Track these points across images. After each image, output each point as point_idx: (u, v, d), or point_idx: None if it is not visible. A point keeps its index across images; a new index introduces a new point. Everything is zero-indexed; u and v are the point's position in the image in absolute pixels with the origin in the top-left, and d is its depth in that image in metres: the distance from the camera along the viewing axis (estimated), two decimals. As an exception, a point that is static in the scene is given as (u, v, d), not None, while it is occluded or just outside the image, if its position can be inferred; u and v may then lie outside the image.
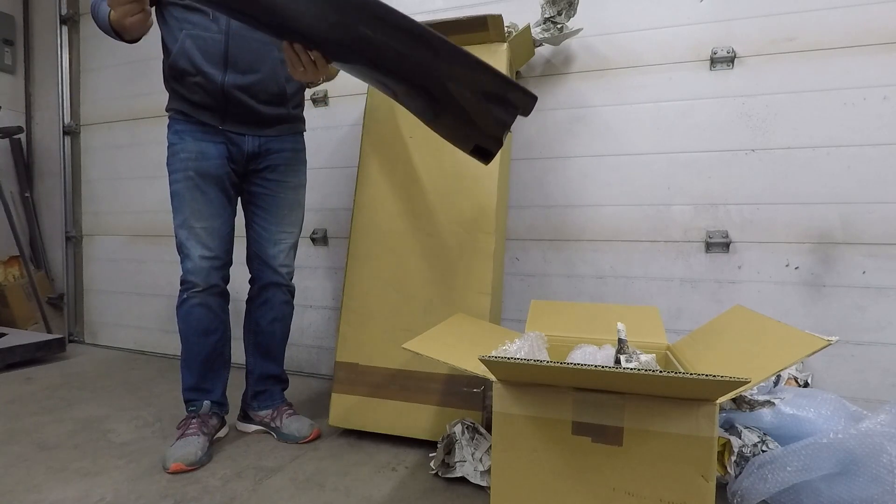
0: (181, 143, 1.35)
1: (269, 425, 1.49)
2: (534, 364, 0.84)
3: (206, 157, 1.34)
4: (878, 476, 0.93)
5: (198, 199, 1.34)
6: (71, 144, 2.70)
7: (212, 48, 1.30)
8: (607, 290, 1.73)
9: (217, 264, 1.37)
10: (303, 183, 1.52)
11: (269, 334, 1.50)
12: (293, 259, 1.52)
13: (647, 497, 0.83)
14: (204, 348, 1.38)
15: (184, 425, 1.37)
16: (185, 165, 1.34)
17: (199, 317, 1.36)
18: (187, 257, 1.35)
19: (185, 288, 1.36)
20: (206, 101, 1.33)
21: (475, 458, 1.22)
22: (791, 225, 1.54)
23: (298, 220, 1.52)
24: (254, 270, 1.50)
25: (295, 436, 1.44)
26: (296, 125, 1.49)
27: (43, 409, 1.69)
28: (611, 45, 1.72)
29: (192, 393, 1.40)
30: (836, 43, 1.49)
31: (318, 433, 1.47)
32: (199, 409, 1.38)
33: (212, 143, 1.35)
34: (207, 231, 1.35)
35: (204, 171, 1.34)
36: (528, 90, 1.10)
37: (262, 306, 1.49)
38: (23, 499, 1.14)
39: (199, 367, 1.39)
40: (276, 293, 1.49)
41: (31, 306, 2.68)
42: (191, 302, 1.35)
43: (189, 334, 1.38)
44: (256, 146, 1.40)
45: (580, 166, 1.75)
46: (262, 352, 1.51)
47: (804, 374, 1.47)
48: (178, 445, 1.30)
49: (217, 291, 1.39)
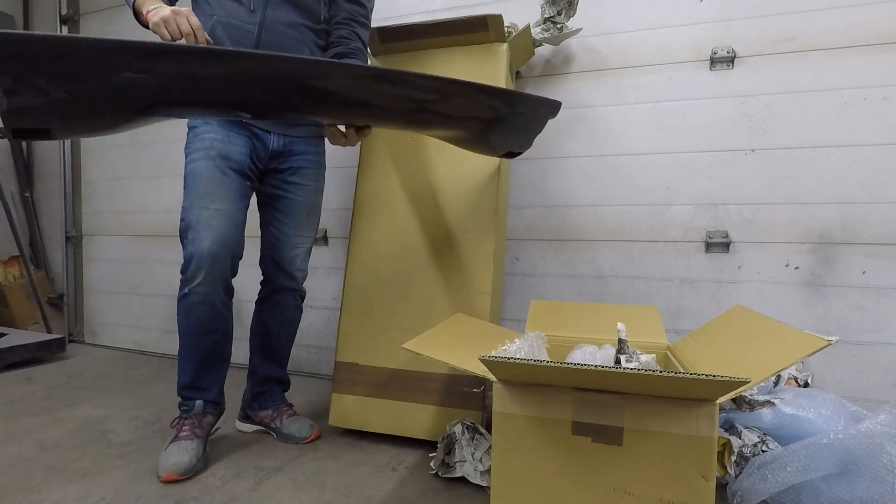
0: (206, 125, 1.28)
1: (269, 426, 1.48)
2: (534, 364, 0.84)
3: (232, 142, 1.28)
4: (879, 476, 0.93)
5: (216, 180, 1.25)
6: (71, 144, 2.70)
7: (243, 39, 1.25)
8: (607, 290, 1.73)
9: (227, 254, 1.26)
10: (322, 188, 1.49)
11: (276, 337, 1.49)
12: (308, 263, 1.49)
13: (647, 497, 0.83)
14: (203, 347, 1.31)
15: (177, 426, 1.32)
16: (209, 145, 1.26)
17: (201, 316, 1.27)
18: (195, 242, 1.22)
19: (186, 280, 1.25)
20: None
21: (475, 458, 1.22)
22: (791, 225, 1.54)
23: (315, 224, 1.50)
24: (267, 273, 1.46)
25: (295, 436, 1.44)
26: (318, 128, 1.44)
27: (43, 409, 1.69)
28: (611, 45, 1.72)
29: (187, 391, 1.34)
30: (836, 43, 1.49)
31: (318, 434, 1.47)
32: (190, 410, 1.32)
33: (237, 134, 1.30)
34: (222, 214, 1.24)
35: (228, 155, 1.27)
36: (554, 101, 1.19)
37: (272, 309, 1.47)
38: (23, 499, 1.14)
39: (196, 365, 1.32)
40: (287, 297, 1.47)
41: (31, 306, 2.68)
42: (192, 299, 1.25)
43: (189, 331, 1.30)
44: (281, 145, 1.37)
45: (580, 166, 1.75)
46: (267, 354, 1.50)
47: (804, 374, 1.47)
48: (171, 451, 1.24)
49: (223, 286, 1.28)
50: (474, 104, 1.05)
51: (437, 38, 1.54)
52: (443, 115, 1.07)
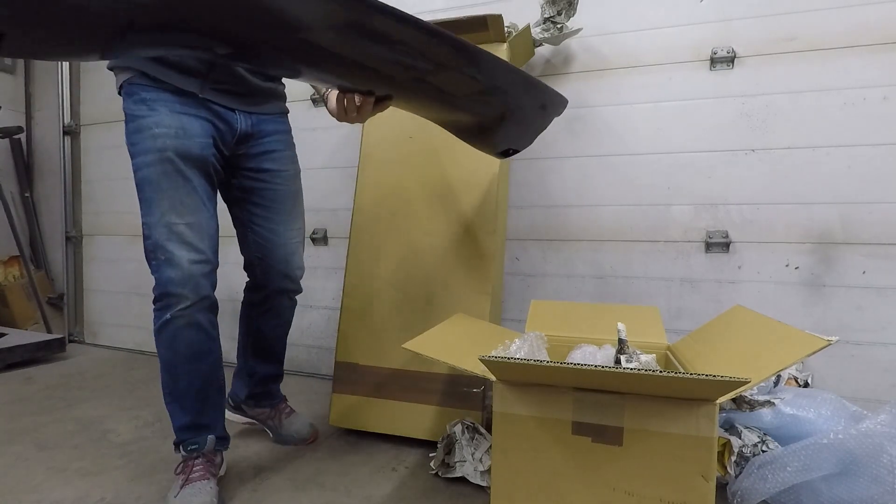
0: (153, 115, 1.05)
1: (266, 423, 1.44)
2: (534, 364, 0.84)
3: (188, 134, 1.07)
4: (879, 476, 0.93)
5: (179, 188, 1.05)
6: (71, 144, 2.70)
7: None
8: (607, 290, 1.73)
9: (207, 269, 1.10)
10: (299, 170, 1.34)
11: (272, 339, 1.39)
12: (303, 256, 1.37)
13: (647, 497, 0.83)
14: (197, 377, 1.12)
15: (186, 469, 1.11)
16: (160, 144, 1.04)
17: (190, 340, 1.09)
18: (169, 264, 1.06)
19: (167, 305, 1.07)
20: (183, 60, 1.06)
21: (475, 458, 1.22)
22: (791, 225, 1.54)
23: (302, 212, 1.36)
24: (258, 277, 1.31)
25: (294, 437, 1.40)
26: (283, 104, 1.30)
27: (43, 409, 1.69)
28: (611, 45, 1.72)
29: (187, 433, 1.13)
30: (836, 43, 1.49)
31: (317, 435, 1.44)
32: (202, 447, 1.13)
33: (194, 118, 1.08)
34: (193, 228, 1.07)
35: (185, 152, 1.06)
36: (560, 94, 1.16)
37: (266, 313, 1.35)
38: (23, 499, 1.14)
39: (193, 401, 1.12)
40: (283, 300, 1.35)
41: (31, 306, 2.68)
42: (177, 323, 1.08)
43: (177, 363, 1.10)
44: (249, 125, 1.18)
45: (580, 166, 1.75)
46: (263, 355, 1.40)
47: (804, 374, 1.47)
48: (186, 495, 1.06)
49: (208, 304, 1.12)
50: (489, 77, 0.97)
51: (437, 38, 1.54)
52: (448, 92, 0.98)
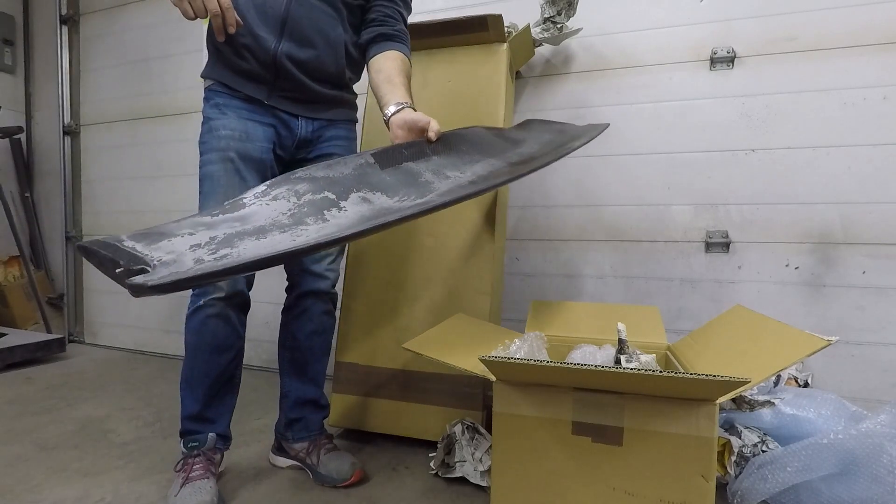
0: (222, 118, 1.15)
1: (305, 461, 1.27)
2: (534, 364, 0.84)
3: (251, 138, 1.15)
4: (879, 476, 0.93)
5: (234, 185, 1.12)
6: (71, 144, 2.70)
7: (270, 9, 1.12)
8: (607, 290, 1.73)
9: None
10: None
11: (306, 350, 1.30)
12: (339, 264, 1.34)
13: (647, 497, 0.83)
14: (214, 368, 1.15)
15: (186, 467, 1.12)
16: (225, 144, 1.13)
17: (215, 330, 1.13)
18: None
19: (204, 291, 1.12)
20: (253, 69, 1.14)
21: (475, 458, 1.22)
22: (791, 225, 1.54)
23: None
24: (292, 276, 1.31)
25: (333, 477, 1.21)
26: (351, 112, 1.31)
27: (43, 409, 1.69)
28: (611, 45, 1.72)
29: (193, 423, 1.16)
30: (836, 43, 1.50)
31: (360, 475, 1.23)
32: (202, 445, 1.14)
33: (258, 124, 1.16)
34: None
35: (246, 154, 1.14)
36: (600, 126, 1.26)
37: (299, 317, 1.30)
38: (23, 499, 1.14)
39: (205, 392, 1.15)
40: (315, 302, 1.30)
41: (31, 306, 2.68)
42: (207, 311, 1.12)
43: (199, 350, 1.14)
44: (310, 131, 1.22)
45: (580, 166, 1.75)
46: (297, 370, 1.31)
47: (804, 374, 1.47)
48: (186, 494, 1.06)
49: (240, 301, 1.16)
50: None
51: (437, 38, 1.54)
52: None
